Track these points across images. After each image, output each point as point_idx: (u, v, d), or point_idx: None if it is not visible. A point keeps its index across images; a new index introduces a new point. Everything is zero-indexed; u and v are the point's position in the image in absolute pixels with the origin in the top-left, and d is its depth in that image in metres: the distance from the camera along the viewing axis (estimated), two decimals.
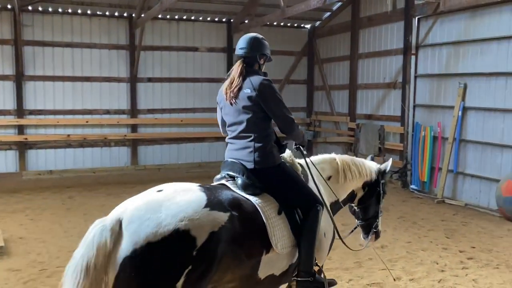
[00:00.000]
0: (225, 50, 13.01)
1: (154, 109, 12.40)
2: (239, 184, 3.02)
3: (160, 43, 12.35)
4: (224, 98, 3.14)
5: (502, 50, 8.22)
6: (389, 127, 10.71)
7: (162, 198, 2.48)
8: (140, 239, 2.25)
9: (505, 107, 8.20)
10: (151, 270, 2.21)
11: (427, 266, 5.60)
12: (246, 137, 3.10)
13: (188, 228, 2.31)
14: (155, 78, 12.38)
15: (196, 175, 11.68)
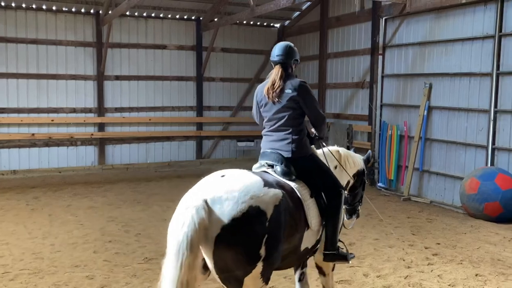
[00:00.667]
0: (194, 48, 12.88)
1: (122, 108, 12.16)
2: (278, 171, 3.48)
3: (128, 41, 12.12)
4: (265, 97, 3.64)
5: (465, 51, 8.40)
6: (357, 126, 10.79)
7: (230, 182, 2.91)
8: (226, 217, 2.69)
9: (468, 106, 8.38)
10: (239, 240, 2.70)
11: (394, 262, 5.65)
12: (285, 130, 3.57)
13: (257, 204, 2.80)
14: (123, 76, 12.14)
15: (165, 174, 11.53)
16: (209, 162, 13.14)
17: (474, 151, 8.28)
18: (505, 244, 6.40)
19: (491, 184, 7.35)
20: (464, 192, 7.75)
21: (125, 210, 8.01)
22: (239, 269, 2.76)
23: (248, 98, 13.76)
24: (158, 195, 9.16)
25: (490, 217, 7.42)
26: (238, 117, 13.64)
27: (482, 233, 6.87)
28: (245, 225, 2.73)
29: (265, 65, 13.82)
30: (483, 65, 8.10)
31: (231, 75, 13.49)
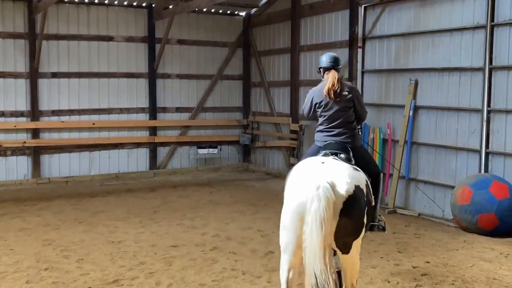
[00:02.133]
0: (145, 39, 12.75)
1: (60, 110, 11.91)
2: (342, 158, 4.76)
3: (66, 31, 11.89)
4: (326, 97, 5.00)
5: (454, 43, 8.57)
6: None
7: (334, 168, 4.20)
8: (345, 194, 3.98)
9: (458, 105, 8.54)
10: (354, 212, 4.04)
11: (378, 285, 5.67)
12: (345, 126, 5.03)
13: (359, 184, 4.12)
14: (61, 73, 11.89)
15: (112, 188, 11.33)
16: (165, 172, 12.98)
17: (466, 156, 8.44)
18: (501, 260, 6.52)
19: (485, 193, 7.49)
20: (455, 203, 7.87)
21: (65, 231, 7.85)
22: (351, 235, 4.07)
23: (211, 98, 13.71)
24: (103, 213, 9.03)
25: (485, 230, 7.56)
26: (199, 119, 13.56)
27: (476, 249, 6.99)
28: (356, 200, 4.03)
29: (228, 59, 13.82)
30: (474, 59, 8.28)
31: (189, 71, 13.41)
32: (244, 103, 14.20)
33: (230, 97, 14.07)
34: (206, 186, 11.67)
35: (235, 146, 14.06)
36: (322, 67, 5.22)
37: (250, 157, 14.02)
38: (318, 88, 5.13)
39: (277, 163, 13.10)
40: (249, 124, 13.93)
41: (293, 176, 4.29)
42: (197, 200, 10.09)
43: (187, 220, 8.49)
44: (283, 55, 12.70)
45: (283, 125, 12.73)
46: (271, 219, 8.39)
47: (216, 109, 13.87)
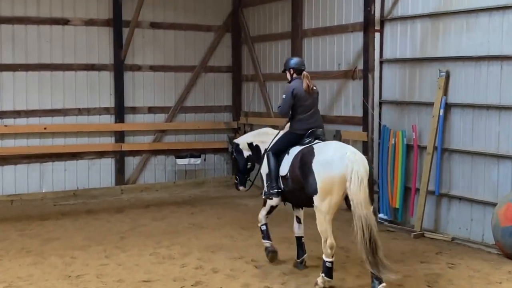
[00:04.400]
0: (109, 23, 12.72)
1: (3, 112, 11.86)
2: (324, 139, 7.40)
3: (11, 13, 11.85)
4: (306, 92, 7.32)
5: (494, 25, 8.56)
6: (348, 132, 10.84)
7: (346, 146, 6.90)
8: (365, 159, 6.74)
9: (500, 103, 8.52)
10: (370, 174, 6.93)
11: None
12: (317, 114, 7.51)
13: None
14: (4, 65, 11.85)
15: (69, 209, 11.29)
16: (135, 189, 12.92)
17: (511, 165, 8.43)
18: None
19: None
20: (497, 224, 7.84)
21: (9, 263, 7.79)
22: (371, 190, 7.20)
23: (192, 95, 13.71)
24: (58, 240, 8.96)
25: None
26: (177, 122, 13.54)
27: None
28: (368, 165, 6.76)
29: (214, 46, 13.85)
30: None
31: (165, 62, 13.40)
32: (234, 101, 14.17)
33: (217, 94, 14.05)
34: (186, 205, 11.61)
35: (222, 155, 14.02)
36: (294, 68, 7.52)
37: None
38: (297, 85, 7.39)
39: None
40: (240, 127, 13.87)
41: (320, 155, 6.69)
42: (175, 224, 10.03)
43: (163, 249, 8.43)
44: (282, 42, 12.67)
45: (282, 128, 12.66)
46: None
47: (199, 109, 13.86)
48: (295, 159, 6.98)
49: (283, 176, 7.21)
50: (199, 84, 13.81)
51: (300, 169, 6.83)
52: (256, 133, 8.40)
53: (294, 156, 7.05)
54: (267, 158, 7.39)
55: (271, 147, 7.45)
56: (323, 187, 6.50)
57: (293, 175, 7.00)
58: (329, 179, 6.45)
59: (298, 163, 6.89)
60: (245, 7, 13.74)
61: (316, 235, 7.03)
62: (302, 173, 6.78)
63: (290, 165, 7.06)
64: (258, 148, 8.07)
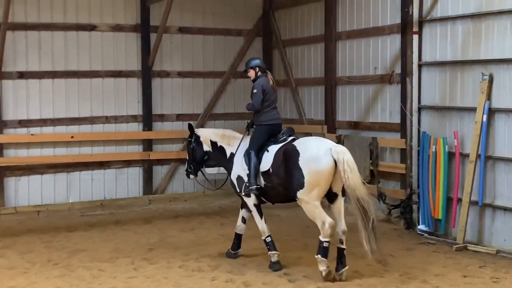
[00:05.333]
0: (137, 28, 12.81)
1: (29, 120, 11.99)
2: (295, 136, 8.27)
3: (37, 20, 12.01)
4: (270, 87, 8.36)
5: None
6: (385, 139, 10.79)
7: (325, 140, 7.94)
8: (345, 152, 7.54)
9: None
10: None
11: None
12: (277, 108, 8.63)
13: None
14: (30, 72, 12.00)
15: (96, 219, 11.34)
16: (163, 199, 12.96)
17: None
18: None
19: None
20: None
21: (35, 277, 7.82)
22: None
23: (221, 101, 13.76)
24: (85, 252, 9.00)
25: None
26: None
27: None
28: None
29: (244, 51, 13.87)
30: None
31: (194, 68, 13.46)
32: None
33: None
34: (216, 216, 11.60)
35: None
36: (260, 67, 8.45)
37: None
38: (264, 81, 8.35)
39: None
40: None
41: (305, 152, 7.48)
42: (204, 235, 10.02)
43: (192, 261, 8.44)
44: (314, 45, 12.66)
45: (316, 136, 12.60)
46: (302, 259, 8.30)
47: (229, 116, 13.89)
48: (277, 156, 7.78)
49: (265, 172, 7.95)
50: (229, 90, 13.84)
51: (284, 166, 7.61)
52: (221, 133, 8.87)
53: (276, 153, 7.84)
54: (248, 157, 8.05)
55: (251, 147, 8.10)
56: (310, 182, 7.33)
57: (277, 172, 7.75)
58: (317, 174, 7.31)
59: (281, 160, 7.68)
60: (276, 10, 13.74)
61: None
62: (287, 170, 7.55)
63: (272, 162, 7.82)
64: (222, 150, 8.70)
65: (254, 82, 8.41)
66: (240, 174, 8.28)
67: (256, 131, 8.32)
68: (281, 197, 8.05)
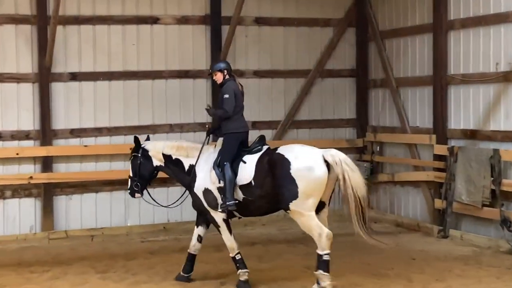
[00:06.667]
0: (206, 20, 12.88)
1: (83, 129, 12.19)
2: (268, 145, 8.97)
3: (92, 12, 12.24)
4: (239, 91, 8.89)
5: None
6: (509, 152, 10.55)
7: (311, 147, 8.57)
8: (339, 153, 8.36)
9: None
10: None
11: None
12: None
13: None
14: (84, 73, 12.23)
15: (159, 246, 11.38)
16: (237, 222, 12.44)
17: None
18: None
19: None
20: None
21: None
22: None
23: (306, 106, 13.73)
24: (146, 285, 9.07)
25: None
26: (288, 139, 13.42)
27: None
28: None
29: (333, 45, 13.76)
30: None
31: (273, 66, 13.46)
32: (359, 113, 14.02)
33: (337, 104, 13.92)
34: (299, 244, 11.42)
35: None
36: (228, 69, 8.91)
37: (370, 199, 13.61)
38: (234, 85, 8.86)
39: (413, 208, 12.86)
40: (367, 146, 13.76)
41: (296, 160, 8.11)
42: (287, 267, 9.88)
43: None
44: (420, 37, 12.51)
45: (422, 148, 12.43)
46: None
47: (315, 124, 13.80)
48: (260, 167, 8.36)
49: (245, 185, 8.43)
50: (315, 93, 13.73)
51: (272, 176, 8.21)
52: (176, 145, 9.28)
53: (257, 163, 8.42)
54: (222, 170, 8.46)
55: (225, 158, 8.55)
56: (305, 191, 7.97)
57: (261, 183, 8.32)
58: (312, 182, 7.98)
59: (266, 170, 8.29)
60: None
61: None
62: (276, 180, 8.17)
63: (254, 173, 8.37)
64: (179, 163, 9.15)
65: (221, 86, 8.88)
66: (208, 187, 8.75)
67: (227, 140, 8.76)
68: (261, 210, 8.77)
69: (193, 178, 8.92)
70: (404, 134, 12.82)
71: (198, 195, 8.91)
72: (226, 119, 8.77)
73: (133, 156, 9.34)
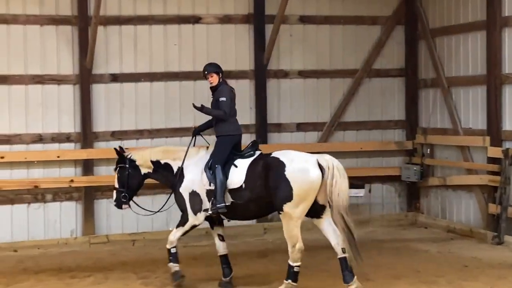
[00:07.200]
0: (249, 19, 12.91)
1: (124, 132, 12.34)
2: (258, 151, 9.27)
3: (133, 12, 12.35)
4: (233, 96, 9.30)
5: None
6: None
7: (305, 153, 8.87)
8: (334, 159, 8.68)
9: None
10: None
11: None
12: None
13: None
14: (125, 74, 12.35)
15: (201, 251, 11.42)
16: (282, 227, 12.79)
17: None
18: None
19: None
20: None
21: None
22: None
23: (353, 107, 13.69)
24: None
25: None
26: (334, 142, 13.50)
27: None
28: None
29: (381, 43, 13.71)
30: None
31: (318, 66, 13.42)
32: (408, 114, 13.92)
33: (385, 105, 13.84)
34: None
35: (393, 186, 13.84)
36: (222, 72, 9.19)
37: (420, 203, 13.74)
38: (230, 89, 9.17)
39: (466, 213, 12.71)
40: (416, 148, 13.64)
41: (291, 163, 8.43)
42: (333, 274, 9.73)
43: None
44: (473, 34, 12.38)
45: (475, 150, 12.30)
46: None
47: (362, 125, 13.74)
48: (253, 171, 8.66)
49: (235, 189, 8.71)
50: (362, 93, 13.65)
51: (265, 179, 8.50)
52: (162, 150, 9.65)
53: (250, 167, 8.73)
54: (214, 173, 8.73)
55: (217, 160, 8.82)
56: (299, 194, 8.28)
57: (252, 186, 8.62)
58: (306, 185, 8.29)
59: (260, 174, 8.58)
60: None
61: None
62: (271, 182, 8.45)
63: (245, 177, 8.65)
64: (168, 167, 9.38)
65: (215, 89, 9.13)
66: (196, 190, 9.03)
67: (220, 143, 9.02)
68: (248, 214, 9.14)
69: (180, 178, 9.15)
70: (456, 136, 12.71)
71: (183, 195, 9.15)
72: (221, 122, 9.04)
73: (119, 168, 9.46)
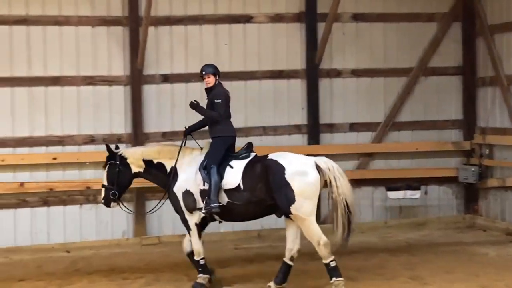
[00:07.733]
0: (301, 17, 12.92)
1: (175, 132, 12.33)
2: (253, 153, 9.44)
3: (183, 12, 12.49)
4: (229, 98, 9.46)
5: None
6: None
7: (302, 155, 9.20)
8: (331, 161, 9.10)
9: None
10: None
11: None
12: None
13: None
14: (176, 75, 12.49)
15: (253, 254, 11.48)
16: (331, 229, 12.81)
17: None
18: None
19: None
20: None
21: None
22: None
23: (408, 106, 13.61)
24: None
25: None
26: (389, 142, 13.45)
27: None
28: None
29: (438, 41, 13.59)
30: None
31: (372, 64, 13.40)
32: (466, 113, 13.79)
33: (442, 104, 13.72)
34: (402, 253, 11.32)
35: (450, 187, 13.71)
36: (219, 74, 9.45)
37: (479, 205, 13.60)
38: (225, 91, 9.39)
39: None
40: (474, 148, 13.51)
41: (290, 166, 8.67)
42: (387, 278, 9.75)
43: None
44: None
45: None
46: None
47: (418, 125, 13.66)
48: (251, 172, 8.85)
49: (232, 189, 8.83)
50: (418, 92, 13.56)
51: (266, 182, 8.69)
52: (156, 149, 9.61)
53: (246, 168, 8.89)
54: (209, 172, 8.83)
55: (212, 161, 8.93)
56: (301, 194, 8.53)
57: (252, 188, 8.77)
58: (306, 186, 8.59)
59: (259, 176, 8.77)
60: None
61: None
62: (272, 186, 8.63)
63: (242, 178, 8.81)
64: (162, 166, 9.42)
65: (211, 90, 9.30)
66: (189, 189, 9.10)
67: (216, 144, 9.16)
68: (246, 215, 9.25)
69: (174, 178, 9.23)
70: None
71: (177, 195, 9.20)
72: (215, 123, 9.21)
73: (109, 165, 9.49)
